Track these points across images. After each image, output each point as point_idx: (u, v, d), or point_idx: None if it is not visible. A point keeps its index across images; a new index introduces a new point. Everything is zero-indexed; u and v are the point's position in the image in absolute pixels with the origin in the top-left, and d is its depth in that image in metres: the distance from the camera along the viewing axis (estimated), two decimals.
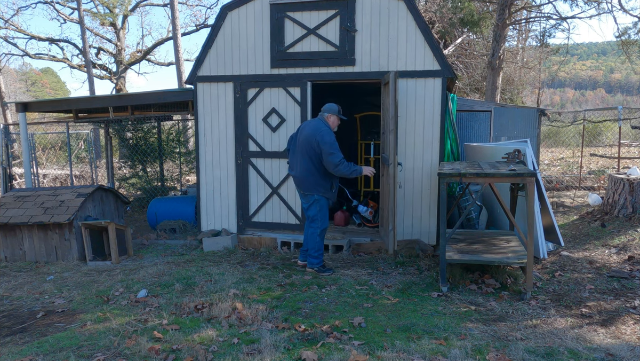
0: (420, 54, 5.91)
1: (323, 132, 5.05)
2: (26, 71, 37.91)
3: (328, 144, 4.99)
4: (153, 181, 10.42)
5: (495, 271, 5.02)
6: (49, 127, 17.63)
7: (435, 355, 3.24)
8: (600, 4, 11.44)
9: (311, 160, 5.12)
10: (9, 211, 6.35)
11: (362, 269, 5.47)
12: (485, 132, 8.47)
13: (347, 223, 6.95)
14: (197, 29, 25.15)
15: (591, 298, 4.35)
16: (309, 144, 5.09)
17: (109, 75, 25.25)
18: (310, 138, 5.08)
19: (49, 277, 5.59)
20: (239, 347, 3.42)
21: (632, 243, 5.62)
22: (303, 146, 5.17)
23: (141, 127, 10.40)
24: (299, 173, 5.24)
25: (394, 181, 5.32)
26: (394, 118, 5.30)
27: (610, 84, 60.78)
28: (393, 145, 5.33)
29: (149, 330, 3.79)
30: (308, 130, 5.17)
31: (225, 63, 6.56)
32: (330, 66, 6.20)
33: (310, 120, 5.42)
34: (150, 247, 7.01)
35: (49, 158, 15.76)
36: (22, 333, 3.97)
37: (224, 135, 6.69)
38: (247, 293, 4.67)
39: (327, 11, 6.11)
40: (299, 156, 5.24)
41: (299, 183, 5.29)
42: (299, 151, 5.23)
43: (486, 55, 14.38)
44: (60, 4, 23.67)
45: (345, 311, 4.18)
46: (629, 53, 12.25)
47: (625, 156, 11.54)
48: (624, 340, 3.48)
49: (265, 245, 6.54)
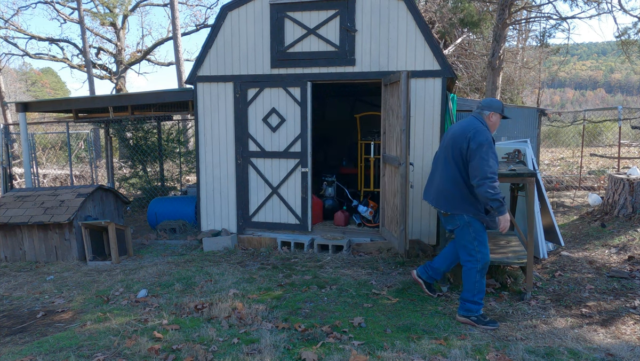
0: (420, 54, 5.91)
1: (478, 130, 3.72)
2: (26, 71, 37.91)
3: (481, 144, 3.64)
4: (153, 181, 10.42)
5: (495, 271, 5.02)
6: (49, 127, 17.63)
7: (435, 355, 3.24)
8: (600, 4, 11.44)
9: (456, 166, 3.80)
10: (9, 211, 6.35)
11: (362, 269, 5.47)
12: None
13: (347, 223, 6.95)
14: (197, 29, 25.14)
15: (591, 298, 4.35)
16: (455, 145, 3.79)
17: (109, 75, 25.24)
18: (458, 138, 3.79)
19: (49, 277, 5.59)
20: (239, 347, 3.42)
21: (632, 243, 5.62)
22: (448, 149, 3.87)
23: (141, 127, 10.40)
24: (439, 184, 3.93)
25: (406, 180, 5.31)
26: (406, 118, 5.28)
27: (610, 84, 60.78)
28: (405, 145, 5.29)
29: (149, 330, 3.79)
30: (457, 129, 3.90)
31: (225, 63, 6.56)
32: (330, 66, 6.20)
33: (461, 120, 4.12)
34: (150, 247, 7.01)
35: (49, 158, 15.75)
36: (22, 333, 3.97)
37: (224, 135, 6.69)
38: (247, 293, 4.67)
39: (327, 11, 6.11)
40: (440, 163, 3.97)
41: (439, 197, 3.94)
42: (441, 157, 3.97)
43: (486, 56, 14.38)
44: (60, 4, 23.66)
45: (345, 311, 4.18)
46: (629, 53, 12.25)
47: (625, 156, 11.54)
48: (624, 340, 3.48)
49: (265, 245, 6.54)
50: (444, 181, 3.87)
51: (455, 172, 3.79)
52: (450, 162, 3.82)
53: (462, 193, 3.78)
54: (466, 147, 3.70)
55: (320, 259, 5.89)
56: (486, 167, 3.57)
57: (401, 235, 5.44)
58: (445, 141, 4.01)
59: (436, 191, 3.96)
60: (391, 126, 5.86)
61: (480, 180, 3.58)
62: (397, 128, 5.54)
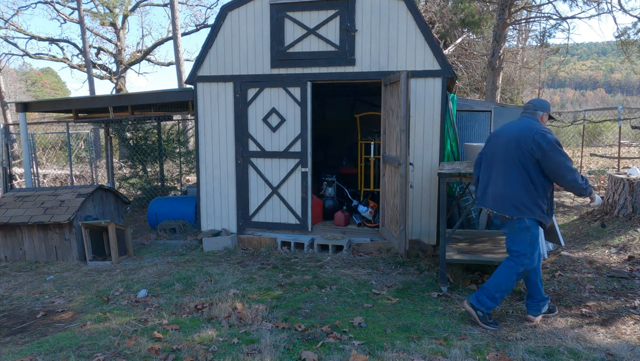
0: (420, 54, 5.91)
1: (544, 130, 3.66)
2: (26, 71, 37.92)
3: (554, 143, 3.61)
4: (153, 181, 10.42)
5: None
6: (49, 127, 17.63)
7: (435, 355, 3.24)
8: (600, 4, 11.45)
9: (524, 169, 3.68)
10: (9, 211, 6.35)
11: (362, 269, 5.47)
12: (485, 132, 8.47)
13: (347, 223, 6.95)
14: (197, 29, 25.15)
15: (591, 298, 4.35)
16: (518, 147, 3.69)
17: (109, 75, 25.25)
18: (520, 139, 3.69)
19: (49, 277, 5.59)
20: (239, 347, 3.42)
21: (632, 243, 5.62)
22: (508, 151, 3.76)
23: (141, 127, 10.40)
24: (502, 189, 3.79)
25: (406, 180, 5.31)
26: (405, 118, 5.28)
27: (610, 84, 60.79)
28: (405, 145, 5.29)
29: (149, 330, 3.79)
30: (515, 131, 3.79)
31: (225, 63, 6.56)
32: (330, 66, 6.20)
33: (511, 121, 4.00)
34: (150, 247, 7.01)
35: (49, 158, 15.75)
36: (22, 333, 3.97)
37: (224, 135, 6.69)
38: (247, 293, 4.67)
39: (327, 11, 6.11)
40: (499, 166, 3.83)
41: (500, 202, 3.80)
42: (499, 160, 3.82)
43: (486, 55, 14.38)
44: (60, 4, 23.67)
45: (345, 311, 4.18)
46: (629, 53, 12.26)
47: (625, 156, 11.55)
48: (624, 340, 3.47)
49: (265, 245, 6.54)
50: (509, 185, 3.74)
51: (524, 175, 3.69)
52: (514, 165, 3.71)
53: (531, 196, 3.70)
54: (537, 149, 3.61)
55: (320, 259, 5.89)
56: (568, 163, 3.61)
57: (401, 235, 5.44)
58: (498, 143, 3.87)
59: (498, 196, 3.82)
60: (391, 126, 5.86)
61: (570, 177, 3.60)
62: (397, 128, 5.54)
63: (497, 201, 3.83)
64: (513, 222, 3.76)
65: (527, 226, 3.71)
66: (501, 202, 3.79)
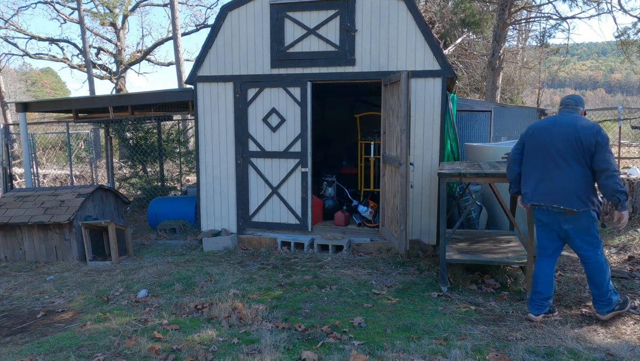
0: (420, 54, 5.91)
1: (598, 128, 3.75)
2: (26, 71, 37.93)
3: (606, 138, 3.72)
4: (153, 181, 10.42)
5: (495, 271, 5.02)
6: (49, 127, 17.63)
7: (435, 355, 3.24)
8: (600, 4, 11.46)
9: (585, 163, 3.73)
10: (9, 211, 6.35)
11: (362, 269, 5.47)
12: (485, 132, 8.47)
13: (347, 223, 6.95)
14: (197, 29, 25.16)
15: (591, 298, 4.34)
16: (579, 142, 3.73)
17: (109, 75, 25.25)
18: (581, 134, 3.74)
19: (49, 277, 5.59)
20: (239, 347, 3.42)
21: (632, 243, 5.62)
22: (568, 146, 3.78)
23: (141, 127, 10.40)
24: (564, 183, 3.78)
25: (407, 180, 5.31)
26: (406, 118, 5.28)
27: (610, 84, 60.75)
28: (405, 145, 5.29)
29: (149, 330, 3.79)
30: (570, 126, 3.81)
31: (225, 63, 6.56)
32: (330, 66, 6.20)
33: (555, 117, 4.00)
34: (150, 247, 7.01)
35: (49, 158, 15.75)
36: (22, 333, 3.97)
37: (224, 135, 6.69)
38: (247, 293, 4.67)
39: (327, 11, 6.11)
40: (555, 161, 3.82)
41: (564, 196, 3.78)
42: (555, 154, 3.83)
43: (486, 55, 14.38)
44: (60, 4, 23.68)
45: (345, 311, 4.18)
46: (629, 53, 12.27)
47: (625, 156, 11.54)
48: (624, 340, 3.47)
49: (265, 245, 6.54)
50: (572, 179, 3.75)
51: (585, 169, 3.74)
52: (576, 159, 3.75)
53: (591, 189, 3.77)
54: (594, 142, 3.68)
55: (320, 259, 5.89)
56: (613, 160, 3.68)
57: (401, 235, 5.44)
58: (549, 138, 3.86)
59: (560, 190, 3.80)
60: (391, 126, 5.86)
61: (612, 172, 3.63)
62: (397, 128, 5.54)
63: (560, 196, 3.79)
64: (579, 215, 3.76)
65: (593, 217, 3.77)
66: (565, 196, 3.77)
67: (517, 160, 4.11)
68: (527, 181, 4.03)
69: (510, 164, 4.16)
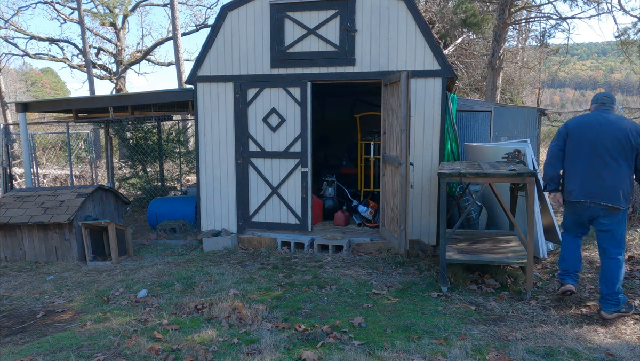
0: (420, 54, 5.91)
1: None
2: (26, 71, 37.92)
3: None
4: (153, 181, 10.42)
5: (495, 271, 5.02)
6: (49, 127, 17.63)
7: (435, 355, 3.24)
8: (600, 4, 11.46)
9: (632, 161, 3.87)
10: (9, 211, 6.35)
11: (362, 269, 5.47)
12: (485, 132, 8.47)
13: (347, 223, 6.95)
14: (197, 29, 25.14)
15: (591, 298, 4.35)
16: (628, 141, 3.81)
17: (109, 75, 25.24)
18: (629, 133, 3.82)
19: (49, 277, 5.59)
20: (239, 347, 3.42)
21: (632, 243, 5.62)
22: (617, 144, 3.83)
23: (141, 127, 10.40)
24: (612, 180, 3.86)
25: (406, 180, 5.31)
26: (406, 118, 5.28)
27: (610, 84, 60.71)
28: (405, 145, 5.29)
29: (149, 330, 3.79)
30: (615, 127, 3.87)
31: (225, 63, 6.56)
32: (330, 66, 6.20)
33: (597, 114, 4.02)
34: (150, 247, 7.01)
35: (49, 158, 15.75)
36: (22, 333, 3.97)
37: (224, 135, 6.69)
38: (247, 293, 4.67)
39: (327, 11, 6.11)
40: (603, 158, 3.87)
41: (612, 193, 3.86)
42: (602, 152, 3.87)
43: (486, 55, 14.38)
44: (60, 4, 23.68)
45: (345, 311, 4.18)
46: (629, 53, 12.27)
47: None
48: (624, 340, 3.48)
49: (265, 245, 6.54)
50: (619, 177, 3.84)
51: (630, 168, 3.87)
52: (624, 157, 3.84)
53: (632, 187, 3.92)
54: (634, 143, 3.82)
55: (320, 259, 5.90)
56: None
57: (401, 235, 5.45)
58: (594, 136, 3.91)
59: (607, 187, 3.86)
60: (391, 126, 5.86)
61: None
62: (397, 128, 5.54)
63: (608, 193, 3.86)
64: (619, 213, 3.89)
65: (624, 216, 3.91)
66: (613, 193, 3.85)
67: (560, 157, 4.13)
68: (571, 177, 4.05)
69: (553, 161, 4.17)
